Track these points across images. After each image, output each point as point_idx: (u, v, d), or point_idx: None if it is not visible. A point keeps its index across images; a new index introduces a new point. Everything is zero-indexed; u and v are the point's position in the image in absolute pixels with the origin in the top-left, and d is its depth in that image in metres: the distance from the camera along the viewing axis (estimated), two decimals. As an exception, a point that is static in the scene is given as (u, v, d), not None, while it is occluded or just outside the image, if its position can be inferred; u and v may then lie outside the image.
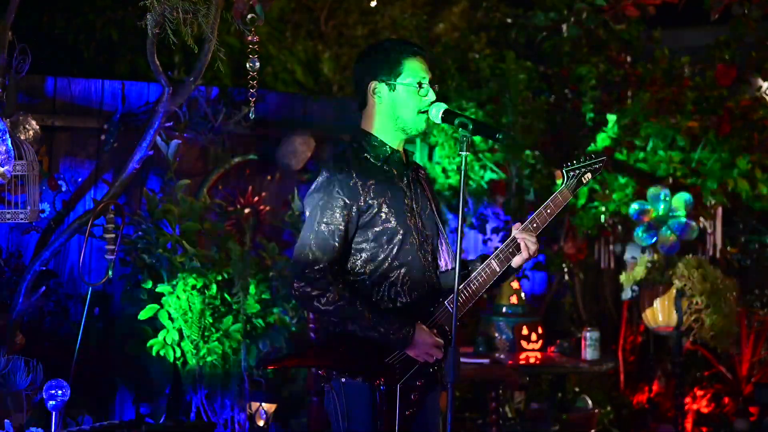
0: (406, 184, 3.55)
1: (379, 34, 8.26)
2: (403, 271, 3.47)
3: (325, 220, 3.40)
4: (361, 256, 3.46)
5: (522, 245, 3.55)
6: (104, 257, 5.51)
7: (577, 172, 3.70)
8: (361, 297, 3.40)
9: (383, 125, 3.55)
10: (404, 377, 3.44)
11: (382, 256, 3.45)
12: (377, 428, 3.39)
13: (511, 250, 3.57)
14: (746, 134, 6.90)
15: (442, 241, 3.64)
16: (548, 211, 3.62)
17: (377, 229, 3.45)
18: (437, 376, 3.55)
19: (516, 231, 3.57)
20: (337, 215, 3.40)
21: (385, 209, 3.45)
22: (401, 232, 3.47)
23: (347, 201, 3.41)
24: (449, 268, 3.63)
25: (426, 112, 3.53)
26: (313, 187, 3.51)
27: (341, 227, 3.40)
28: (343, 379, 3.43)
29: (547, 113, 6.98)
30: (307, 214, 3.46)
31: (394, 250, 3.46)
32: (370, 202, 3.43)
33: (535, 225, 3.59)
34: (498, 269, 3.55)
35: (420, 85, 3.52)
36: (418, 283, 3.50)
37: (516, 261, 3.58)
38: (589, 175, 3.73)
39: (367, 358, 3.41)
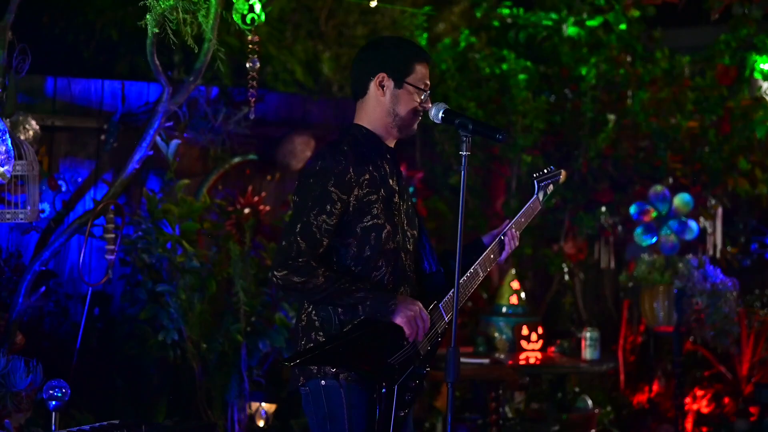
0: (395, 181, 3.55)
1: (379, 34, 8.25)
2: (388, 270, 3.46)
3: (314, 212, 3.36)
4: (348, 252, 3.45)
5: (507, 239, 3.73)
6: (104, 257, 5.51)
7: (544, 183, 3.96)
8: (344, 274, 3.40)
9: (379, 119, 3.55)
10: (402, 377, 3.43)
11: (369, 252, 3.44)
12: (373, 430, 3.38)
13: (496, 249, 3.74)
14: (746, 134, 6.90)
15: (426, 241, 3.64)
16: (522, 219, 3.85)
17: (366, 224, 3.43)
18: (427, 377, 3.55)
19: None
20: (328, 209, 3.37)
21: (375, 205, 3.44)
22: (388, 229, 3.46)
23: (341, 196, 3.38)
24: (434, 270, 3.61)
25: (421, 115, 3.59)
26: (308, 169, 3.46)
27: (330, 222, 3.38)
28: (323, 382, 3.42)
29: (547, 113, 6.98)
30: (298, 200, 3.42)
31: (380, 247, 3.44)
32: (362, 198, 3.42)
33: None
34: (482, 274, 3.69)
35: (424, 90, 3.55)
36: (400, 284, 3.49)
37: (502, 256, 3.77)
38: (551, 186, 4.00)
39: (371, 359, 3.39)
